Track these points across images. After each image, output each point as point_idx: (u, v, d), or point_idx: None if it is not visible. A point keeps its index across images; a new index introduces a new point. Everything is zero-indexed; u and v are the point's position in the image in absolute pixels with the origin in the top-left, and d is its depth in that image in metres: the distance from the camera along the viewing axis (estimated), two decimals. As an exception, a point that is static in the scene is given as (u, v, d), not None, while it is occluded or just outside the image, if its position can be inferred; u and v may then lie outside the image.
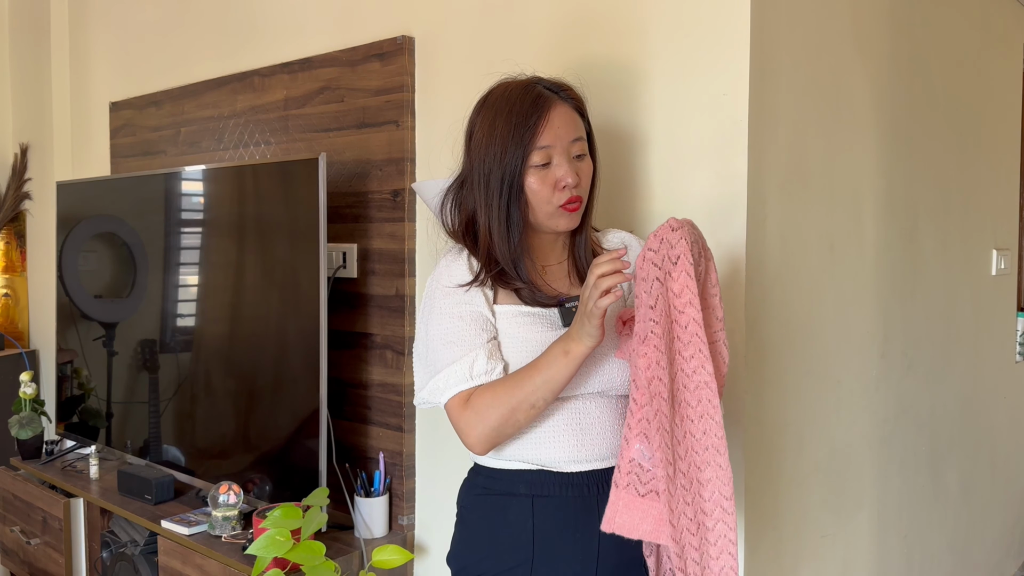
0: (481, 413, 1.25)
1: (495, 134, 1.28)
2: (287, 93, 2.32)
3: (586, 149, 1.32)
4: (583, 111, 1.35)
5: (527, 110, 1.27)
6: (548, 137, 1.27)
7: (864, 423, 2.01)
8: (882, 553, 2.12)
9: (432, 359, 1.32)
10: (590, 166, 1.33)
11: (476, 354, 1.27)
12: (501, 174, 1.28)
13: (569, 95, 1.33)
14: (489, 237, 1.30)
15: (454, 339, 1.29)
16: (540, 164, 1.27)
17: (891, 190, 2.08)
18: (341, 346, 2.15)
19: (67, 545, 2.46)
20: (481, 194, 1.30)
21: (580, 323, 1.19)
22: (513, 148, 1.27)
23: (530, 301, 1.31)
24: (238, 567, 1.86)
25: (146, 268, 2.49)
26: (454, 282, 1.32)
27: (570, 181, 1.27)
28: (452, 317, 1.30)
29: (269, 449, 2.12)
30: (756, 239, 1.55)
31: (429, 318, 1.33)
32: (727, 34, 1.51)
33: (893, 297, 2.12)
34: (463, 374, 1.27)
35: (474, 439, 1.27)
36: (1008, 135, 2.89)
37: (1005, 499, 3.00)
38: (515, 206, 1.29)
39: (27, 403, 2.73)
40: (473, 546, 1.37)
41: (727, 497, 1.17)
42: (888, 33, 2.02)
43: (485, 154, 1.29)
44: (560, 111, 1.29)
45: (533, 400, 1.23)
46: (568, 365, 1.21)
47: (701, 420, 1.17)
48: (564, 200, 1.29)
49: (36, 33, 3.34)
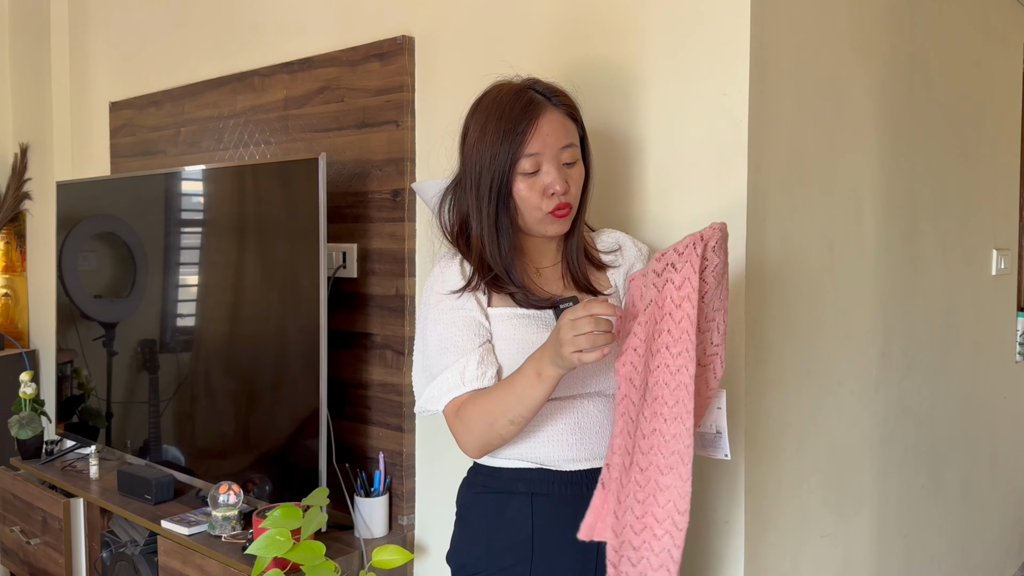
0: (467, 424, 1.27)
1: (486, 138, 1.28)
2: (287, 93, 2.32)
3: (578, 156, 1.31)
4: (576, 117, 1.34)
5: (517, 116, 1.27)
6: (537, 144, 1.27)
7: (864, 423, 2.01)
8: (882, 553, 2.12)
9: (428, 366, 1.34)
10: (581, 172, 1.33)
11: (467, 360, 1.28)
12: (490, 179, 1.28)
13: (562, 100, 1.32)
14: (481, 244, 1.30)
15: (448, 345, 1.30)
16: (529, 171, 1.27)
17: (891, 190, 2.08)
18: (341, 346, 2.15)
19: (67, 545, 2.46)
20: (472, 197, 1.30)
21: (554, 350, 1.14)
22: (502, 154, 1.26)
23: (524, 304, 1.32)
24: (238, 567, 1.86)
25: (146, 268, 2.49)
26: (447, 288, 1.32)
27: (558, 189, 1.27)
28: (446, 323, 1.31)
29: (269, 449, 2.12)
30: (756, 239, 1.55)
31: (425, 325, 1.34)
32: (727, 34, 1.51)
33: (893, 297, 2.12)
34: (455, 380, 1.28)
35: (464, 446, 1.30)
36: (1008, 135, 2.89)
37: (1005, 499, 3.00)
38: (504, 211, 1.29)
39: (27, 403, 2.73)
40: (472, 544, 1.37)
41: (681, 512, 1.11)
42: (888, 33, 2.02)
43: (476, 158, 1.29)
44: (550, 118, 1.28)
45: (511, 416, 1.22)
46: (542, 386, 1.18)
47: (674, 422, 1.12)
48: (553, 207, 1.28)
49: (36, 33, 3.34)
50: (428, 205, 1.74)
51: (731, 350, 1.54)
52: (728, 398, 1.54)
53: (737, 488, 1.56)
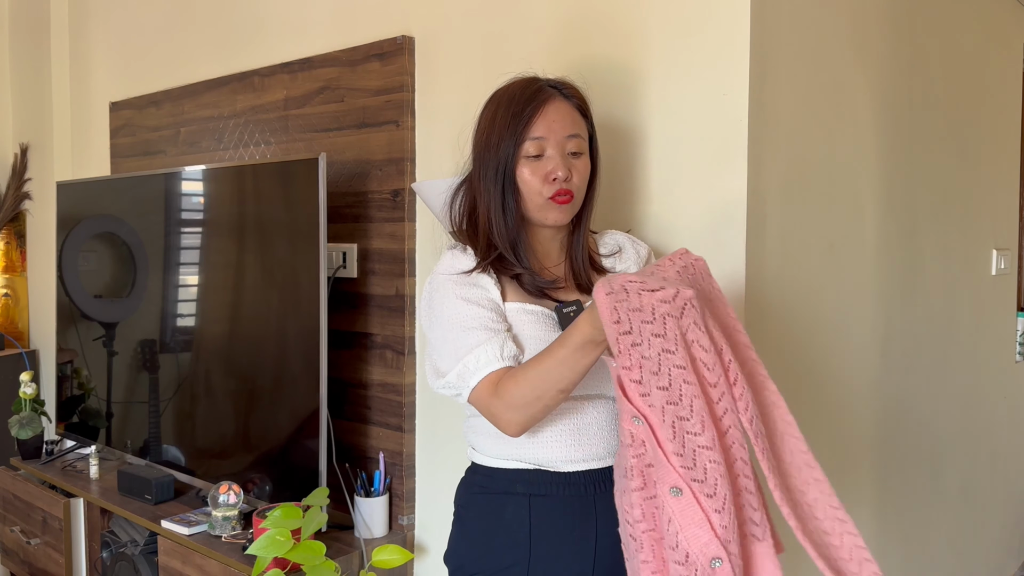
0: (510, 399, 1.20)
1: (494, 125, 1.30)
2: (287, 93, 2.32)
3: (584, 148, 1.32)
4: (585, 111, 1.35)
5: (524, 101, 1.29)
6: (542, 128, 1.28)
7: (864, 423, 2.01)
8: (882, 553, 2.12)
9: (451, 348, 1.27)
10: (586, 165, 1.33)
11: (504, 337, 1.25)
12: (496, 163, 1.29)
13: (571, 93, 1.34)
14: (488, 223, 1.31)
15: (474, 324, 1.26)
16: (533, 155, 1.28)
17: (891, 190, 2.08)
18: (341, 346, 2.15)
19: (67, 545, 2.46)
20: (480, 182, 1.31)
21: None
22: (508, 137, 1.28)
23: (532, 289, 1.32)
24: (238, 567, 1.86)
25: (146, 268, 2.49)
26: (457, 269, 1.32)
27: (560, 174, 1.28)
28: (467, 302, 1.28)
29: (269, 449, 2.12)
30: (756, 239, 1.55)
31: (442, 307, 1.30)
32: (727, 34, 1.51)
33: (893, 297, 2.12)
34: (493, 354, 1.23)
35: (506, 424, 1.22)
36: (1008, 135, 2.89)
37: (1005, 499, 3.00)
38: (510, 195, 1.29)
39: (27, 403, 2.72)
40: (470, 545, 1.37)
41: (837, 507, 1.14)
42: (888, 33, 2.02)
43: (485, 144, 1.31)
44: (557, 106, 1.30)
45: (562, 386, 1.18)
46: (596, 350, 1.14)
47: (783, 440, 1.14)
48: (553, 192, 1.28)
49: (36, 33, 3.34)
50: (428, 205, 1.74)
51: (731, 350, 1.55)
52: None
53: (737, 488, 1.56)
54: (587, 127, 1.35)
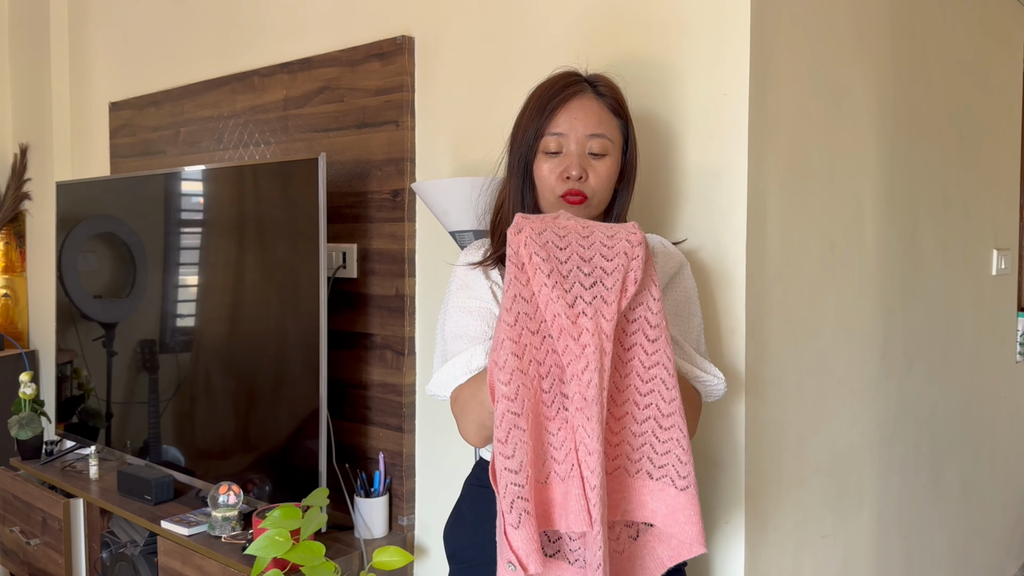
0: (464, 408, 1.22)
1: (524, 116, 1.29)
2: (287, 93, 2.32)
3: (608, 150, 1.27)
4: (619, 111, 1.31)
5: (552, 94, 1.27)
6: (563, 124, 1.25)
7: (865, 423, 2.01)
8: (882, 553, 2.12)
9: (443, 351, 1.32)
10: (608, 169, 1.28)
11: (475, 350, 1.26)
12: (519, 154, 1.28)
13: (605, 91, 1.30)
14: (504, 209, 1.31)
15: (461, 332, 1.28)
16: (552, 151, 1.26)
17: (891, 190, 2.08)
18: (341, 346, 2.15)
19: (67, 545, 2.46)
20: (506, 173, 1.32)
21: None
22: (531, 129, 1.27)
23: None
24: (238, 567, 1.86)
25: (146, 268, 2.49)
26: (465, 261, 1.32)
27: (574, 174, 1.24)
28: (463, 311, 1.29)
29: (269, 449, 2.12)
30: (756, 239, 1.55)
31: (446, 311, 1.33)
32: (726, 34, 1.51)
33: (893, 297, 2.12)
34: (462, 367, 1.25)
35: (463, 432, 1.25)
36: (1008, 135, 2.89)
37: (1005, 499, 3.00)
38: (527, 188, 1.28)
39: (27, 403, 2.72)
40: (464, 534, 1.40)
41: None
42: (888, 33, 2.02)
43: (514, 134, 1.30)
44: (584, 102, 1.27)
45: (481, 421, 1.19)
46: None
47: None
48: (564, 191, 1.26)
49: (36, 33, 3.34)
50: (428, 205, 1.74)
51: (731, 350, 1.55)
52: (728, 398, 1.55)
53: (737, 488, 1.56)
54: (620, 128, 1.31)
